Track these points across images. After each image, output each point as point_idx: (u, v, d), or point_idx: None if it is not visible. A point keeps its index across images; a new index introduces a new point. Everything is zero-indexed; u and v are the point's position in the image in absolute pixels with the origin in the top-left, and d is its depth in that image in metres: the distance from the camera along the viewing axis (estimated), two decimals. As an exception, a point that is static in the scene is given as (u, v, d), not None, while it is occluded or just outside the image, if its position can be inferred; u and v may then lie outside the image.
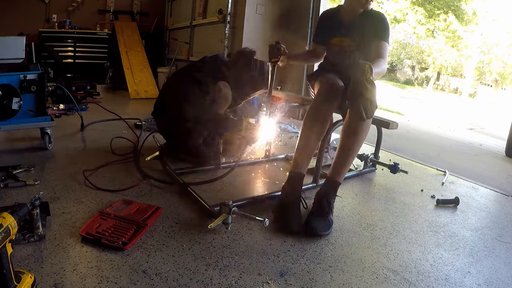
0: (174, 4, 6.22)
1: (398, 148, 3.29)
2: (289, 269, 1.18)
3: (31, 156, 2.01)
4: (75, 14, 5.88)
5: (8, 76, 1.98)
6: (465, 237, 1.57)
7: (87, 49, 5.65)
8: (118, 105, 3.87)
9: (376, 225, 1.58)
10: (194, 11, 5.28)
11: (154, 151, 2.09)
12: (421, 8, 15.49)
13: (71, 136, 2.51)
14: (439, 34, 16.78)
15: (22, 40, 2.24)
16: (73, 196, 1.53)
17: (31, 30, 5.23)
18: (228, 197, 1.66)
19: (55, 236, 1.21)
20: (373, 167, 2.35)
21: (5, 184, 1.55)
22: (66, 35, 5.56)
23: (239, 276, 1.11)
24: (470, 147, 4.33)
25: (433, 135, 5.08)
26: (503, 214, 1.95)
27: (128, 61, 5.17)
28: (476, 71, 18.20)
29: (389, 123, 2.18)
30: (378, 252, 1.36)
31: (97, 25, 6.00)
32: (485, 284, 1.23)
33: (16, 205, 0.94)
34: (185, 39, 5.47)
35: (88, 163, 1.94)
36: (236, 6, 4.19)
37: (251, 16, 4.06)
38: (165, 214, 1.46)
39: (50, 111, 3.05)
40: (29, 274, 0.91)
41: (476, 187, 2.33)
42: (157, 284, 1.03)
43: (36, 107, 2.08)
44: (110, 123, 2.94)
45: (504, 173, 3.08)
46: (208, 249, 1.24)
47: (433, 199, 1.98)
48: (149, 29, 6.23)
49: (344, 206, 1.75)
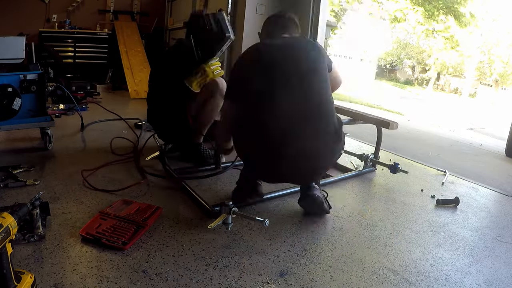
0: (174, 4, 6.22)
1: (398, 148, 3.29)
2: (289, 269, 1.18)
3: (31, 156, 2.01)
4: (75, 14, 5.88)
5: (8, 76, 1.98)
6: (465, 237, 1.57)
7: (87, 49, 5.64)
8: (118, 105, 3.87)
9: (376, 225, 1.58)
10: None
11: (155, 151, 2.10)
12: (421, 8, 15.50)
13: (71, 136, 2.51)
14: (439, 35, 16.81)
15: (22, 40, 2.24)
16: (73, 196, 1.53)
17: (31, 30, 5.22)
18: (228, 197, 1.66)
19: (55, 236, 1.21)
20: (373, 167, 2.35)
21: (5, 184, 1.55)
22: (66, 35, 5.55)
23: (239, 276, 1.11)
24: (470, 147, 4.33)
25: (433, 135, 5.08)
26: (503, 214, 1.95)
27: (128, 61, 5.17)
28: (476, 71, 18.21)
29: (389, 123, 2.19)
30: (378, 252, 1.36)
31: (97, 25, 5.99)
32: (485, 284, 1.23)
33: (16, 205, 0.94)
34: (185, 39, 5.46)
35: (88, 163, 1.94)
36: (236, 6, 4.19)
37: (251, 16, 4.06)
38: (165, 214, 1.46)
39: (50, 111, 3.05)
40: (29, 274, 0.91)
41: (476, 187, 2.33)
42: (157, 284, 1.03)
43: (36, 107, 2.08)
44: (110, 123, 2.94)
45: (504, 173, 3.08)
46: (208, 249, 1.24)
47: (433, 199, 1.98)
48: (149, 29, 6.23)
49: (344, 206, 1.75)
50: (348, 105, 6.65)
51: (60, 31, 5.59)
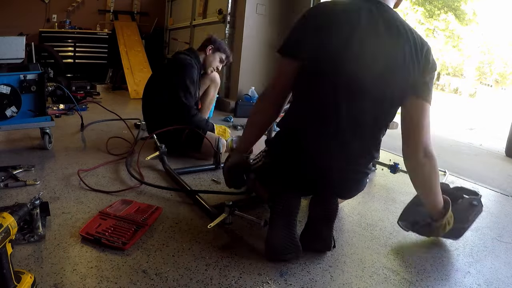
0: (174, 4, 6.22)
1: (398, 148, 3.28)
2: (289, 269, 1.18)
3: (31, 156, 2.01)
4: (75, 14, 5.89)
5: (8, 76, 1.97)
6: (465, 237, 1.56)
7: (87, 49, 5.65)
8: (118, 105, 3.87)
9: (376, 225, 1.58)
10: (194, 11, 5.28)
11: (156, 150, 2.09)
12: (421, 8, 15.50)
13: (71, 136, 2.51)
14: (439, 34, 16.81)
15: (22, 40, 2.23)
16: (73, 196, 1.53)
17: (31, 30, 5.23)
18: (228, 197, 1.66)
19: (55, 236, 1.21)
20: (373, 167, 2.35)
21: (5, 184, 1.55)
22: (66, 35, 5.56)
23: (239, 276, 1.11)
24: (470, 147, 4.33)
25: (433, 135, 5.07)
26: (503, 214, 1.95)
27: (128, 61, 5.17)
28: (476, 71, 18.22)
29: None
30: (378, 252, 1.36)
31: (97, 25, 6.00)
32: (485, 284, 1.23)
33: (16, 205, 0.94)
34: (185, 39, 5.47)
35: (88, 163, 1.94)
36: (236, 6, 4.19)
37: (251, 16, 4.06)
38: (165, 214, 1.46)
39: (50, 111, 3.05)
40: (29, 274, 0.91)
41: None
42: (157, 284, 1.03)
43: (36, 107, 2.08)
44: (110, 123, 2.94)
45: (504, 173, 3.08)
46: (208, 249, 1.24)
47: (433, 199, 1.98)
48: (149, 29, 6.23)
49: (344, 206, 1.75)
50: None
51: (60, 31, 5.60)
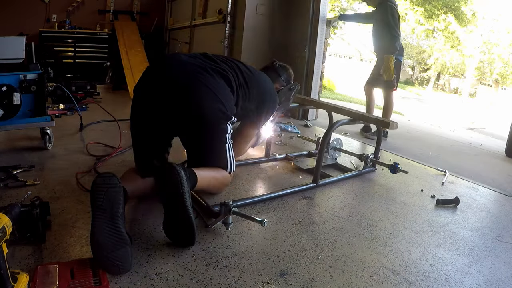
0: (174, 4, 6.22)
1: (398, 148, 3.29)
2: (289, 269, 1.18)
3: (31, 156, 2.01)
4: (75, 14, 5.89)
5: (8, 76, 1.98)
6: (465, 237, 1.57)
7: (87, 49, 5.65)
8: (118, 105, 3.87)
9: (376, 225, 1.58)
10: (194, 11, 5.27)
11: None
12: (421, 8, 15.50)
13: (71, 136, 2.51)
14: (439, 35, 16.82)
15: (22, 40, 2.23)
16: (73, 196, 1.53)
17: (31, 30, 5.23)
18: (228, 197, 1.66)
19: (55, 236, 1.21)
20: (373, 167, 2.35)
21: (5, 184, 1.55)
22: (66, 35, 5.56)
23: (239, 276, 1.11)
24: (470, 147, 4.33)
25: (433, 135, 5.07)
26: (503, 214, 1.95)
27: (128, 61, 5.17)
28: (476, 71, 18.22)
29: (389, 123, 2.18)
30: (378, 252, 1.36)
31: (97, 25, 6.00)
32: (485, 284, 1.23)
33: (8, 206, 0.93)
34: (185, 39, 5.47)
35: (87, 163, 1.94)
36: (236, 6, 4.19)
37: (251, 16, 4.06)
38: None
39: (50, 111, 3.05)
40: (24, 274, 0.91)
41: (476, 187, 2.33)
42: (157, 284, 1.03)
43: (36, 107, 2.07)
44: (110, 123, 2.94)
45: (504, 173, 3.08)
46: (208, 249, 1.24)
47: (433, 199, 1.98)
48: (149, 29, 6.23)
49: (344, 206, 1.75)
50: (348, 105, 6.65)
51: (60, 31, 5.60)
